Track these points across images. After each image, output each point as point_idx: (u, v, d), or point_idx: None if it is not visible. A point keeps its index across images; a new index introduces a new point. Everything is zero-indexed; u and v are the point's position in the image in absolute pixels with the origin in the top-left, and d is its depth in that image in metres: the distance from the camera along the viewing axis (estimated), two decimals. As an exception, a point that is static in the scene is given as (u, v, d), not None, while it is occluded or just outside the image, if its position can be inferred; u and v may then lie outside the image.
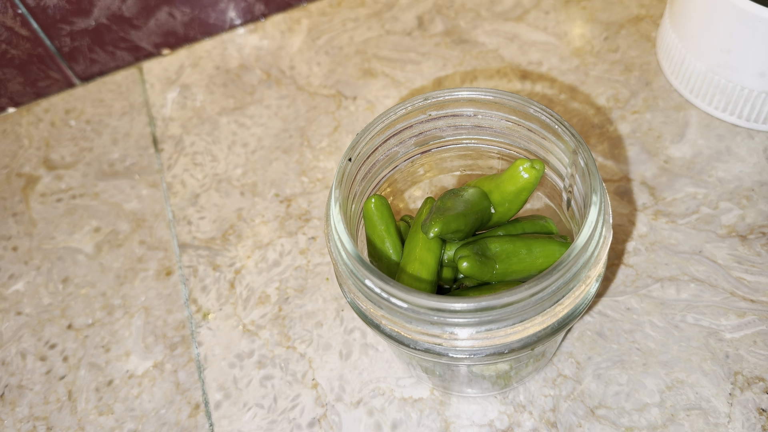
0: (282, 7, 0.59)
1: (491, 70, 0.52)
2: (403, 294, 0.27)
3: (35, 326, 0.45)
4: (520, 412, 0.37)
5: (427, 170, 0.38)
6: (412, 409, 0.38)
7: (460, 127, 0.35)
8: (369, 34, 0.56)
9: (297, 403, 0.39)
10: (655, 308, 0.40)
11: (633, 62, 0.51)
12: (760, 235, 0.42)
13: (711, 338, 0.38)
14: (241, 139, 0.52)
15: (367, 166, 0.34)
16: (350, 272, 0.29)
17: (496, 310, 0.27)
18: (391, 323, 0.29)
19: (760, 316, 0.39)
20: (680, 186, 0.44)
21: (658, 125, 0.47)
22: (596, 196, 0.29)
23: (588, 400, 0.37)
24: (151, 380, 0.41)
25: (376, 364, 0.40)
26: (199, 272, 0.45)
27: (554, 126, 0.32)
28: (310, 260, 0.45)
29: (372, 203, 0.34)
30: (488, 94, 0.33)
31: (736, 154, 0.45)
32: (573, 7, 0.56)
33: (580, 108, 0.49)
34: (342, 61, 0.55)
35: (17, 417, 0.41)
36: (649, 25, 0.53)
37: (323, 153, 0.50)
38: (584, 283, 0.29)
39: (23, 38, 0.54)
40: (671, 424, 0.36)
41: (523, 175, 0.33)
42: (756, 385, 0.36)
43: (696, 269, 0.41)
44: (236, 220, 0.47)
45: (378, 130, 0.33)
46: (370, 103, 0.52)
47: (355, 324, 0.41)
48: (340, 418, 0.38)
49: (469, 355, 0.29)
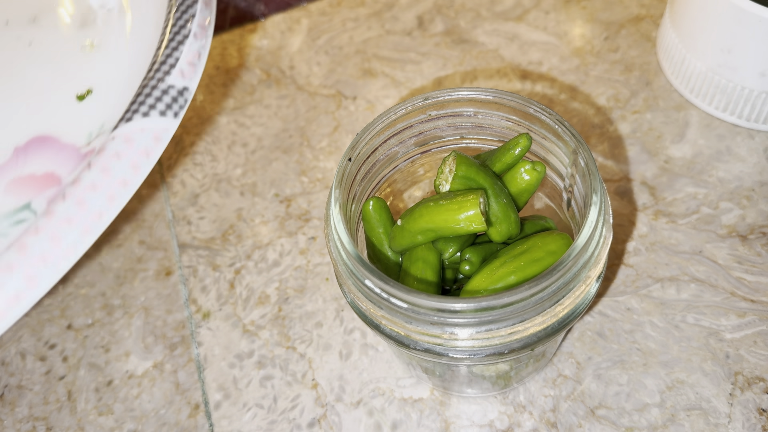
0: (282, 7, 0.59)
1: (491, 70, 0.52)
2: (403, 294, 0.27)
3: (35, 326, 0.45)
4: (520, 412, 0.37)
5: (427, 170, 0.38)
6: (412, 409, 0.38)
7: (460, 127, 0.35)
8: (369, 34, 0.56)
9: (297, 404, 0.39)
10: (655, 308, 0.40)
11: (633, 62, 0.51)
12: (760, 235, 0.42)
13: (711, 338, 0.38)
14: (241, 139, 0.52)
15: (367, 166, 0.34)
16: (350, 272, 0.29)
17: (496, 310, 0.27)
18: (391, 323, 0.29)
19: (760, 316, 0.39)
20: (680, 186, 0.44)
21: (658, 125, 0.47)
22: (596, 196, 0.29)
23: (588, 401, 0.37)
24: (150, 380, 0.41)
25: (376, 365, 0.40)
26: (199, 272, 0.45)
27: (554, 126, 0.32)
28: (310, 260, 0.45)
29: (370, 205, 0.34)
30: (488, 94, 0.33)
31: (737, 154, 0.45)
32: (573, 7, 0.56)
33: (580, 108, 0.49)
34: (342, 60, 0.55)
35: (17, 417, 0.41)
36: (650, 25, 0.53)
37: (323, 153, 0.50)
38: (584, 283, 0.29)
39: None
40: (671, 425, 0.36)
41: (525, 177, 0.33)
42: (756, 385, 0.36)
43: (696, 269, 0.41)
44: (236, 220, 0.47)
45: (378, 130, 0.33)
46: (370, 103, 0.52)
47: (355, 324, 0.41)
48: (340, 419, 0.38)
49: (469, 356, 0.29)
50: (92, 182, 0.23)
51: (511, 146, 0.33)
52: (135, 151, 0.24)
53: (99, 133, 0.29)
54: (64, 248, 0.22)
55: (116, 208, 0.23)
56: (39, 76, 0.31)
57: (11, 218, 0.27)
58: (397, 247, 0.34)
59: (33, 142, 0.30)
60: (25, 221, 0.26)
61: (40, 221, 0.22)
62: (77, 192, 0.23)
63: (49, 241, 0.22)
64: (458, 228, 0.31)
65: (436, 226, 0.31)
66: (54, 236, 0.22)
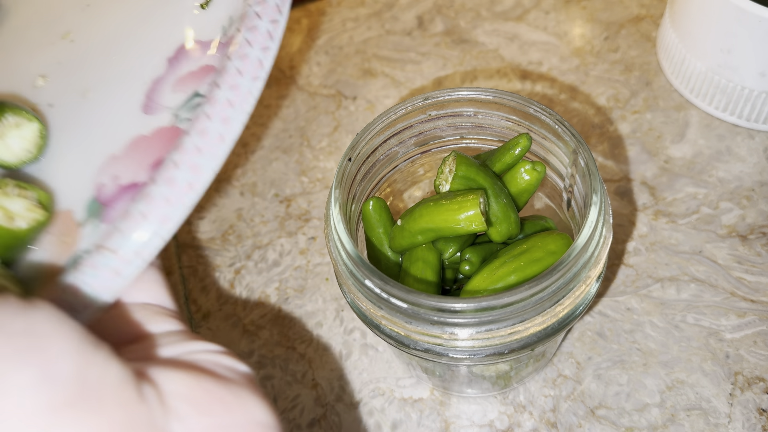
0: (282, 7, 0.59)
1: (491, 70, 0.52)
2: (403, 294, 0.27)
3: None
4: (520, 412, 0.37)
5: (427, 170, 0.38)
6: (412, 409, 0.38)
7: (460, 127, 0.35)
8: (369, 33, 0.56)
9: (297, 403, 0.39)
10: (655, 308, 0.40)
11: (633, 62, 0.51)
12: (760, 235, 0.42)
13: (711, 338, 0.38)
14: (241, 139, 0.52)
15: (367, 166, 0.34)
16: (350, 272, 0.29)
17: (496, 310, 0.27)
18: (391, 324, 0.29)
19: (760, 316, 0.39)
20: (680, 186, 0.44)
21: (658, 125, 0.47)
22: (596, 196, 0.29)
23: (588, 401, 0.37)
24: (150, 380, 0.41)
25: (376, 364, 0.40)
26: (199, 272, 0.45)
27: (554, 126, 0.32)
28: (310, 260, 0.45)
29: (370, 206, 0.34)
30: (488, 94, 0.33)
31: (737, 154, 0.45)
32: (573, 6, 0.56)
33: (580, 108, 0.49)
34: (342, 60, 0.55)
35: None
36: (650, 25, 0.53)
37: (323, 153, 0.50)
38: (584, 284, 0.29)
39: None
40: (671, 425, 0.36)
41: (525, 177, 0.33)
42: (756, 385, 0.36)
43: (696, 269, 0.41)
44: (236, 220, 0.47)
45: (378, 130, 0.33)
46: (370, 103, 0.52)
47: (355, 324, 0.41)
48: (340, 419, 0.38)
49: (469, 356, 0.29)
50: (237, 68, 0.28)
51: (511, 146, 0.33)
52: (260, 36, 0.28)
53: (229, 25, 0.33)
54: (234, 126, 0.27)
55: (258, 88, 0.28)
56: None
57: (187, 105, 0.32)
58: (397, 247, 0.34)
59: (180, 50, 0.34)
60: (200, 104, 0.30)
61: (206, 108, 0.28)
62: (228, 79, 0.28)
63: (221, 122, 0.27)
64: (458, 228, 0.31)
65: (436, 226, 0.31)
66: (224, 118, 0.27)
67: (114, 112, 0.34)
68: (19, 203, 0.30)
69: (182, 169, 0.27)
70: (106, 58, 0.36)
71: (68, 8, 0.38)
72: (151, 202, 0.26)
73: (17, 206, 0.30)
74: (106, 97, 0.35)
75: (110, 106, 0.34)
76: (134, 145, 0.32)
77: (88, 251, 0.27)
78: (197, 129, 0.27)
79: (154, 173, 0.27)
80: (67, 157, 0.33)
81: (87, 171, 0.32)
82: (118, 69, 0.35)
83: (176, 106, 0.32)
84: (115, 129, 0.33)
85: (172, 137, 0.32)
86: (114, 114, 0.34)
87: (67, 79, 0.36)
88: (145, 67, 0.34)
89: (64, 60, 0.37)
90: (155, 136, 0.32)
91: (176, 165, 0.27)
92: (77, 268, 0.26)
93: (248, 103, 0.28)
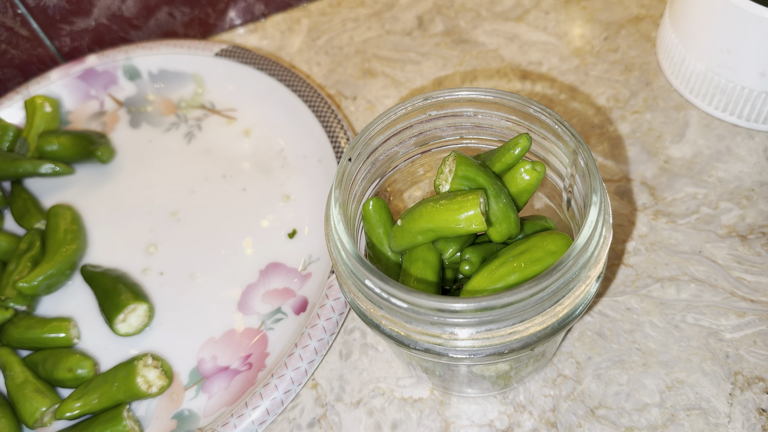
0: (282, 7, 0.59)
1: (491, 70, 0.52)
2: (403, 294, 0.27)
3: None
4: (520, 412, 0.37)
5: (427, 170, 0.38)
6: (412, 409, 0.38)
7: (460, 127, 0.35)
8: (369, 34, 0.56)
9: (297, 403, 0.39)
10: (655, 308, 0.40)
11: (633, 62, 0.51)
12: (760, 235, 0.42)
13: (711, 338, 0.38)
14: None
15: (367, 166, 0.34)
16: (350, 272, 0.29)
17: (496, 310, 0.27)
18: (391, 323, 0.29)
19: (760, 316, 0.39)
20: (680, 186, 0.44)
21: (658, 125, 0.47)
22: (596, 196, 0.29)
23: (588, 400, 0.37)
24: (151, 380, 0.41)
25: (376, 364, 0.40)
26: (199, 272, 0.45)
27: (554, 126, 0.32)
28: (310, 260, 0.45)
29: (370, 206, 0.34)
30: (488, 94, 0.33)
31: (736, 154, 0.45)
32: (573, 7, 0.56)
33: (580, 108, 0.49)
34: (342, 61, 0.55)
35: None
36: (649, 25, 0.53)
37: (323, 153, 0.50)
38: (584, 283, 0.29)
39: (23, 38, 0.54)
40: (671, 424, 0.36)
41: (525, 177, 0.33)
42: (756, 385, 0.37)
43: (696, 269, 0.41)
44: (236, 220, 0.47)
45: (378, 130, 0.33)
46: (370, 103, 0.52)
47: (355, 324, 0.41)
48: (340, 418, 0.38)
49: (469, 355, 0.29)
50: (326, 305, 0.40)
51: (511, 146, 0.33)
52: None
53: (308, 263, 0.43)
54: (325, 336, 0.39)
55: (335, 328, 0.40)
56: (258, 220, 0.46)
57: (272, 317, 0.42)
58: (397, 247, 0.34)
59: (269, 267, 0.44)
60: (281, 319, 0.42)
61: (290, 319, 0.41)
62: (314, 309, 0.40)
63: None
64: (458, 228, 0.31)
65: (436, 226, 0.31)
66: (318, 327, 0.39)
67: (216, 300, 0.43)
68: (153, 373, 0.39)
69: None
70: (209, 243, 0.45)
71: (178, 192, 0.48)
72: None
73: (152, 375, 0.39)
74: (210, 285, 0.44)
75: (213, 293, 0.43)
76: (229, 334, 0.41)
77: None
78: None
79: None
80: (176, 329, 0.42)
81: (191, 345, 0.41)
82: (219, 261, 0.44)
83: (264, 314, 0.42)
84: (215, 316, 0.42)
85: (260, 340, 0.41)
86: (216, 302, 0.43)
87: (176, 252, 0.45)
88: (242, 270, 0.44)
89: (173, 235, 0.46)
90: (245, 333, 0.41)
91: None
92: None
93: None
